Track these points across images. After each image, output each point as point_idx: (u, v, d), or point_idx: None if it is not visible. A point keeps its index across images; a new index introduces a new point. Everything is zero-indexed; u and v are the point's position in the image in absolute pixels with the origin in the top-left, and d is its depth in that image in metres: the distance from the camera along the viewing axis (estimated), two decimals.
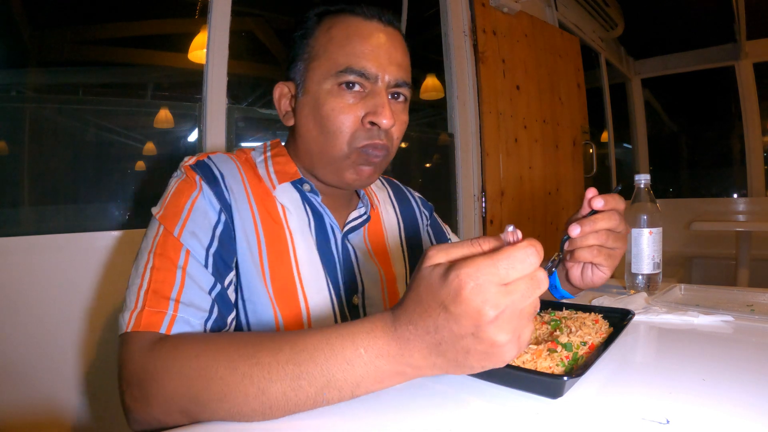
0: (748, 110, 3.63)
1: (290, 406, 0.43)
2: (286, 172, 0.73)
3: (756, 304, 0.81)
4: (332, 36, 0.68)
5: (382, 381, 0.42)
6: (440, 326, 0.39)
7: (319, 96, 0.68)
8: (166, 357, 0.48)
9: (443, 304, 0.38)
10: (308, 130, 0.71)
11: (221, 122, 1.38)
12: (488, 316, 0.37)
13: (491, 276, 0.37)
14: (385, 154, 0.70)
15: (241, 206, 0.67)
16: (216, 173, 0.67)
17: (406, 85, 0.71)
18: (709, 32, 3.56)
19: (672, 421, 0.41)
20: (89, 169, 1.27)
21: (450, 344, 0.39)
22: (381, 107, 0.66)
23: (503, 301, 0.37)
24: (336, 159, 0.69)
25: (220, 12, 1.38)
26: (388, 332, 0.42)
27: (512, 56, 2.46)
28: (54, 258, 1.04)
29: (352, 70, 0.66)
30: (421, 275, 0.41)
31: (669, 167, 4.38)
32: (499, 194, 2.36)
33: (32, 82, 1.23)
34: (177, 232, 0.60)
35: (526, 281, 0.38)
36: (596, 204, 0.65)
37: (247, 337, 0.48)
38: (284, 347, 0.44)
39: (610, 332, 0.59)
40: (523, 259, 0.38)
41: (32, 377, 0.99)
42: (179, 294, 0.55)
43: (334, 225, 0.75)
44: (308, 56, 0.70)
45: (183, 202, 0.63)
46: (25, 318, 0.99)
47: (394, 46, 0.70)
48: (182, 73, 1.53)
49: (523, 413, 0.43)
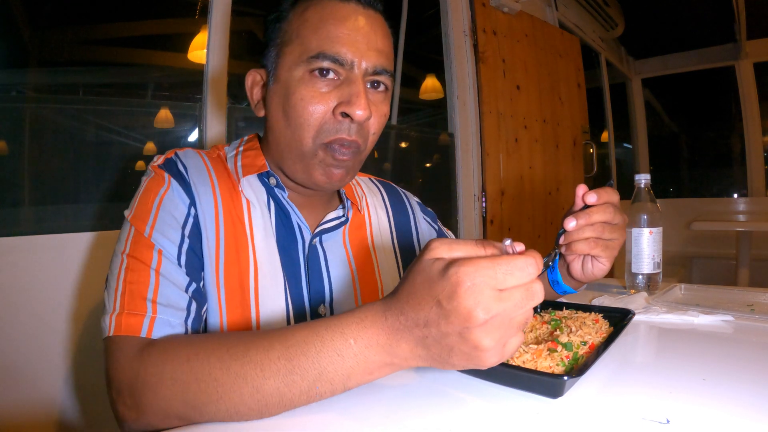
0: (748, 110, 3.63)
1: (285, 402, 0.43)
2: (252, 164, 0.69)
3: (756, 303, 0.81)
4: (306, 18, 0.62)
5: (372, 372, 0.43)
6: (430, 320, 0.39)
7: (290, 84, 0.62)
8: (156, 363, 0.47)
9: (437, 299, 0.38)
10: (277, 120, 0.65)
11: (221, 122, 1.38)
12: (478, 319, 0.37)
13: (489, 279, 0.37)
14: (354, 151, 0.64)
15: (204, 201, 0.64)
16: (181, 169, 0.65)
17: (387, 73, 0.65)
18: (710, 32, 3.56)
19: (672, 420, 0.41)
20: (89, 169, 1.27)
21: (436, 339, 0.39)
22: (356, 96, 0.60)
23: (495, 307, 0.37)
24: (303, 155, 0.64)
25: (220, 12, 1.38)
26: (378, 322, 0.42)
27: (512, 56, 2.46)
28: (54, 258, 1.04)
29: (325, 55, 0.60)
30: (420, 266, 0.41)
31: (669, 167, 4.38)
32: (500, 194, 2.36)
33: (32, 82, 1.23)
34: (147, 232, 0.58)
35: (521, 291, 0.38)
36: (589, 199, 0.65)
37: (236, 336, 0.47)
38: (275, 344, 0.44)
39: (611, 332, 0.59)
40: (523, 268, 0.38)
41: (32, 377, 0.99)
42: (155, 294, 0.54)
43: (302, 224, 0.70)
44: (280, 41, 0.65)
45: (151, 201, 0.61)
46: (24, 318, 0.99)
47: (374, 30, 0.63)
48: (182, 73, 1.53)
49: (523, 413, 0.43)
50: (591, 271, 0.72)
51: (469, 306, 0.37)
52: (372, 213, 0.82)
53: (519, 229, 2.44)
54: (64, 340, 1.04)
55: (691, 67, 3.88)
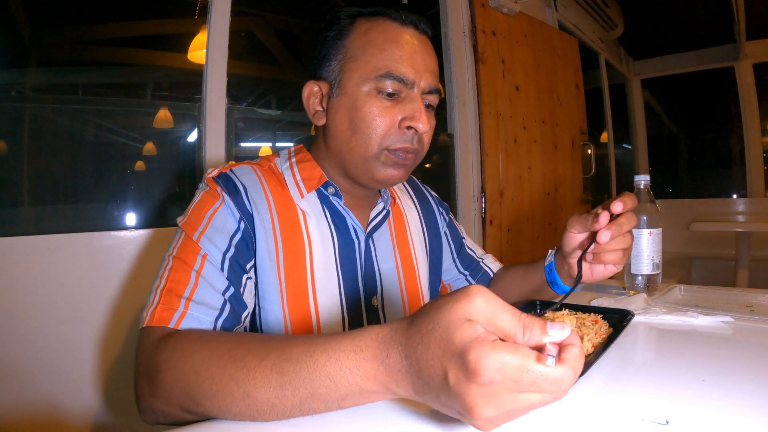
0: (747, 111, 3.63)
1: (277, 412, 0.43)
2: (312, 177, 0.75)
3: (755, 304, 0.81)
4: (370, 39, 0.70)
5: (369, 397, 0.41)
6: (432, 383, 0.35)
7: (358, 98, 0.70)
8: (167, 351, 0.50)
9: (445, 371, 0.34)
10: (342, 130, 0.72)
11: (221, 122, 1.38)
12: (482, 416, 0.33)
13: (510, 383, 0.32)
14: (414, 156, 0.73)
15: (263, 216, 0.69)
16: (239, 185, 0.70)
17: (438, 92, 0.74)
18: (709, 33, 3.57)
19: (671, 421, 0.41)
20: (89, 169, 1.27)
21: (435, 402, 0.37)
22: (418, 112, 0.69)
23: (506, 406, 0.33)
24: (367, 158, 0.71)
25: (220, 12, 1.38)
26: (378, 356, 0.39)
27: (512, 57, 2.46)
28: (54, 258, 1.04)
29: (391, 75, 0.68)
30: (450, 318, 0.35)
31: (668, 168, 4.38)
32: (499, 195, 2.36)
33: (32, 82, 1.23)
34: (196, 237, 0.63)
35: (542, 399, 0.34)
36: (616, 208, 0.66)
37: (240, 338, 0.48)
38: (270, 354, 0.44)
39: (610, 333, 0.59)
40: (555, 383, 0.33)
41: (32, 377, 0.99)
42: (191, 293, 0.58)
43: (357, 227, 0.77)
44: (344, 57, 0.71)
45: (205, 212, 0.66)
46: (24, 318, 0.99)
47: (429, 54, 0.73)
48: (182, 73, 1.53)
49: None
50: (602, 273, 0.74)
51: (476, 403, 0.33)
52: (403, 205, 0.89)
53: (518, 230, 2.44)
54: (64, 340, 1.04)
55: (691, 67, 3.88)
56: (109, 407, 1.08)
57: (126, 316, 1.11)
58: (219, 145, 1.38)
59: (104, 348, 1.08)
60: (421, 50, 0.71)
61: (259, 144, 1.99)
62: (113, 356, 1.09)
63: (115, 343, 1.09)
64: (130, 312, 1.11)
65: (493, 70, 2.35)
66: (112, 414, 1.08)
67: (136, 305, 1.12)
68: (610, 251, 0.68)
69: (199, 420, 0.47)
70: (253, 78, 1.85)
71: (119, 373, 1.09)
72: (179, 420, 0.49)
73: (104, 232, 1.13)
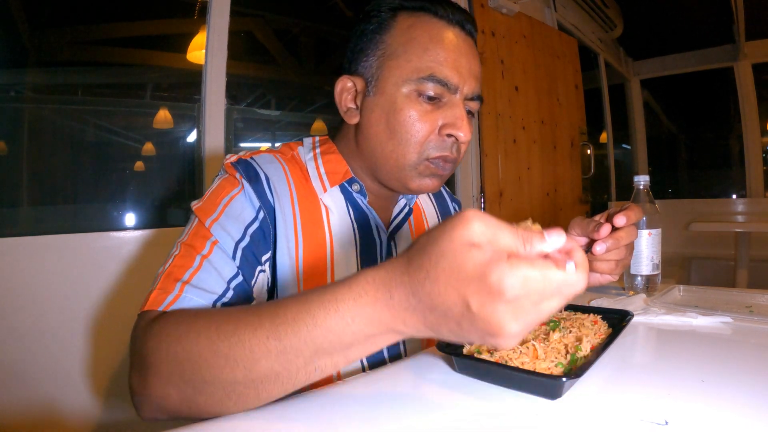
0: (746, 111, 3.64)
1: (282, 381, 0.41)
2: (336, 171, 0.71)
3: (755, 305, 0.81)
4: (413, 36, 0.65)
5: (374, 342, 0.40)
6: (450, 314, 0.35)
7: (397, 99, 0.65)
8: (154, 340, 0.47)
9: (466, 299, 0.34)
10: (377, 132, 0.68)
11: (220, 123, 1.38)
12: (511, 332, 0.34)
13: (534, 296, 0.33)
14: (452, 167, 0.70)
15: (285, 209, 0.66)
16: (260, 173, 0.66)
17: (480, 99, 0.70)
18: (708, 33, 3.57)
19: (671, 422, 0.41)
20: (88, 169, 1.27)
21: (451, 330, 0.36)
22: (460, 120, 0.65)
23: (531, 318, 0.34)
24: (404, 167, 0.67)
25: (219, 12, 1.38)
26: (380, 301, 0.37)
27: (511, 57, 2.46)
28: (53, 258, 1.04)
29: (434, 77, 0.64)
30: (451, 246, 0.34)
31: (668, 168, 4.39)
32: (498, 195, 2.36)
33: (32, 82, 1.23)
34: (209, 223, 0.60)
35: (559, 303, 0.35)
36: (618, 222, 0.66)
37: (226, 313, 0.45)
38: (264, 322, 0.41)
39: (609, 333, 0.59)
40: (574, 284, 0.34)
41: (31, 377, 0.99)
42: (191, 277, 0.55)
43: (379, 226, 0.73)
44: (383, 53, 0.67)
45: (221, 198, 0.63)
46: (24, 318, 0.99)
47: (474, 57, 0.68)
48: (181, 74, 1.53)
49: (523, 414, 0.43)
50: (598, 280, 0.75)
51: (505, 321, 0.33)
52: (421, 201, 0.86)
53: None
54: (64, 340, 1.04)
55: (690, 68, 3.88)
56: (109, 407, 1.08)
57: (125, 316, 1.10)
58: (218, 146, 1.38)
59: (103, 348, 1.08)
60: (466, 53, 0.66)
61: (258, 144, 2.00)
62: (112, 356, 1.09)
63: (115, 343, 1.09)
64: (130, 312, 1.11)
65: (493, 70, 2.35)
66: (111, 414, 1.08)
67: (135, 305, 1.11)
68: (603, 261, 0.69)
69: (198, 419, 0.46)
70: (252, 78, 1.85)
71: (118, 373, 1.09)
72: (178, 412, 0.46)
73: (103, 232, 1.13)
